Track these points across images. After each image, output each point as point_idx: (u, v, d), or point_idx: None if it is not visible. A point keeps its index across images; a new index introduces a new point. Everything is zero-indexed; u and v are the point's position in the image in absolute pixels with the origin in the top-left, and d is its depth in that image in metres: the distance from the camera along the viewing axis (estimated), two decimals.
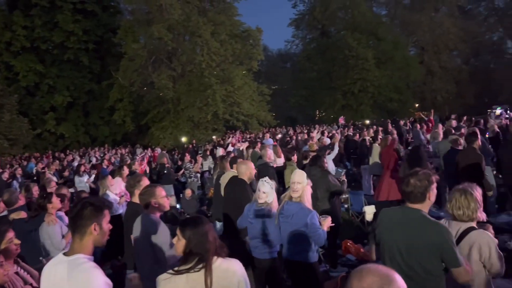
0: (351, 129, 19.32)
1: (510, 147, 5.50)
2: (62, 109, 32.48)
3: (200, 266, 2.13)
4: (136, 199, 3.90)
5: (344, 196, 8.24)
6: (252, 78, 28.99)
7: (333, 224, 3.98)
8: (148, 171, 10.42)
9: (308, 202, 3.87)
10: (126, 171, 7.49)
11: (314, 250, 3.84)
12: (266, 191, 3.96)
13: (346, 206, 8.36)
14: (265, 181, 4.02)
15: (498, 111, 22.88)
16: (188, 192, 9.54)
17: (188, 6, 26.48)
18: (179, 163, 14.15)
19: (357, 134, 14.36)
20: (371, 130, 14.30)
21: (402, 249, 2.63)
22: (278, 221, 3.88)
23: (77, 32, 31.56)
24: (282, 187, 6.94)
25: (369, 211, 7.28)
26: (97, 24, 33.46)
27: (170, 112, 26.31)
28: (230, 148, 13.99)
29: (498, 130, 9.92)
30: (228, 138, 20.86)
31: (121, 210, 6.16)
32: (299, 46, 43.26)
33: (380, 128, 14.11)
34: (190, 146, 21.85)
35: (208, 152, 14.18)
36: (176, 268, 2.18)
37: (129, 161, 11.03)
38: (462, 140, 7.66)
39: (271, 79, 44.76)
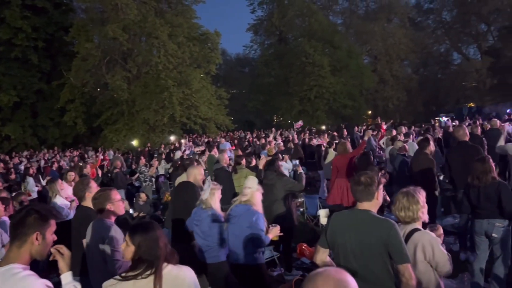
0: (307, 133, 19.67)
1: (457, 151, 5.84)
2: (8, 109, 30.67)
3: (148, 272, 2.04)
4: (86, 203, 3.71)
5: (299, 199, 8.36)
6: (210, 82, 28.72)
7: (281, 234, 4.09)
8: (100, 175, 10.07)
9: (257, 206, 4.05)
10: (72, 175, 7.21)
11: (259, 251, 3.97)
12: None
13: (301, 209, 8.48)
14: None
15: (445, 118, 24.12)
16: (142, 196, 9.30)
17: (145, 6, 25.90)
18: (134, 166, 13.81)
19: (313, 139, 14.65)
20: (326, 135, 14.69)
21: (355, 250, 2.68)
22: (227, 223, 4.01)
23: (25, 29, 29.90)
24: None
25: (324, 214, 7.41)
26: (48, 22, 31.94)
27: (124, 114, 25.46)
28: (188, 151, 13.84)
29: (439, 136, 10.50)
30: (180, 144, 20.52)
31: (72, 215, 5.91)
32: (257, 51, 43.44)
33: (335, 133, 14.51)
34: (146, 149, 21.37)
35: (163, 156, 13.92)
36: (123, 274, 2.08)
37: (80, 164, 10.63)
38: (408, 146, 8.02)
39: (229, 83, 44.72)
